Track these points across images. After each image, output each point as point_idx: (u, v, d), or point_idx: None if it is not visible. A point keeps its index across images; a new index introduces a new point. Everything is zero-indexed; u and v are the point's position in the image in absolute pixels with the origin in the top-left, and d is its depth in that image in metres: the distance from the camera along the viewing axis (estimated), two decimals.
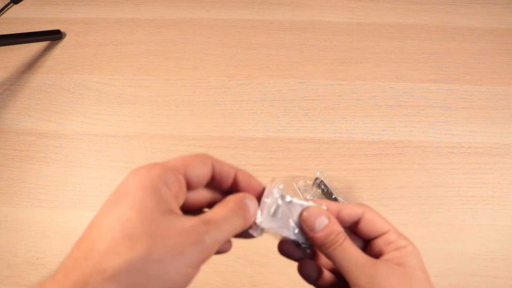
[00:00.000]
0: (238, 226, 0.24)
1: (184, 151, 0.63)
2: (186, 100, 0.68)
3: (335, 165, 0.62)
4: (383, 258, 0.26)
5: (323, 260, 0.30)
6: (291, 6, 0.78)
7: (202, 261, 0.21)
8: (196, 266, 0.21)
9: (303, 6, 0.78)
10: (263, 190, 0.27)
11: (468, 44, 0.73)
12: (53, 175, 0.62)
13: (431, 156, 0.62)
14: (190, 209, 0.26)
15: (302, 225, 0.27)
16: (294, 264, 0.30)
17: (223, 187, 0.27)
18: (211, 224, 0.22)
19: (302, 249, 0.29)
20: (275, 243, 0.30)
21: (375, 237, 0.28)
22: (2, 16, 0.78)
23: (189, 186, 0.25)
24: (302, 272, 0.29)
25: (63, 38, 0.75)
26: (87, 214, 0.59)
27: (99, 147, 0.64)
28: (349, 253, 0.25)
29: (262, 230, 0.27)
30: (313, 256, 0.30)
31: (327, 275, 0.29)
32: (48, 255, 0.56)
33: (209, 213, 0.23)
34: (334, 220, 0.27)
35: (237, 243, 0.29)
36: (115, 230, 0.20)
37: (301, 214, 0.27)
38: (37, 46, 0.74)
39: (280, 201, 0.27)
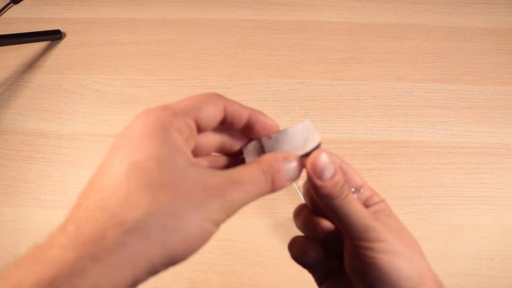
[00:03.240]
0: (265, 191, 0.22)
1: None
2: None
3: None
4: (371, 210, 0.27)
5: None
6: (291, 6, 0.78)
7: (223, 220, 0.20)
8: (217, 224, 0.20)
9: (303, 6, 0.78)
10: (278, 130, 0.25)
11: (468, 44, 0.73)
12: (53, 175, 0.62)
13: (431, 156, 0.62)
14: (197, 154, 0.24)
15: (308, 168, 0.23)
16: (294, 264, 0.30)
17: (234, 128, 0.25)
18: (237, 184, 0.20)
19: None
20: (275, 243, 0.30)
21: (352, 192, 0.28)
22: (2, 16, 0.78)
23: (199, 130, 0.23)
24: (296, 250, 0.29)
25: (63, 38, 0.75)
26: None
27: (99, 147, 0.64)
28: (354, 205, 0.24)
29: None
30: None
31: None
32: None
33: (237, 171, 0.21)
34: (339, 170, 0.24)
35: (237, 243, 0.29)
36: (133, 178, 0.18)
37: (308, 157, 0.24)
38: (37, 46, 0.74)
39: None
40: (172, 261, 0.19)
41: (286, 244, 0.31)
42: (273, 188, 0.22)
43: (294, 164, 0.23)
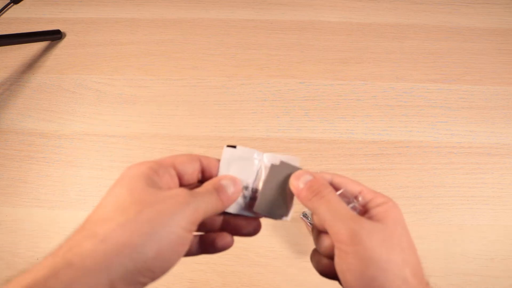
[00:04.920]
0: (215, 203, 0.25)
1: (184, 151, 0.63)
2: (186, 100, 0.68)
3: (335, 165, 0.62)
4: (366, 216, 0.26)
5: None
6: (291, 6, 0.78)
7: (191, 223, 0.22)
8: (186, 228, 0.22)
9: (303, 6, 0.78)
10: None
11: (468, 44, 0.73)
12: (53, 175, 0.62)
13: (431, 156, 0.62)
14: None
15: (290, 185, 0.28)
16: (294, 264, 0.30)
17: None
18: (194, 194, 0.24)
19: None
20: (275, 243, 0.30)
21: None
22: (2, 16, 0.78)
23: (182, 180, 0.26)
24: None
25: (63, 38, 0.75)
26: (87, 214, 0.58)
27: (99, 147, 0.64)
28: (333, 205, 0.25)
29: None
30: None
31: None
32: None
33: (198, 188, 0.25)
34: (319, 177, 0.27)
35: (237, 243, 0.29)
36: (109, 205, 0.22)
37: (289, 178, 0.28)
38: (37, 46, 0.74)
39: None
40: (149, 269, 0.21)
41: (286, 244, 0.31)
42: (221, 201, 0.25)
43: (235, 184, 0.26)
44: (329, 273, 0.27)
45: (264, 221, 0.29)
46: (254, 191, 0.28)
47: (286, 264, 0.54)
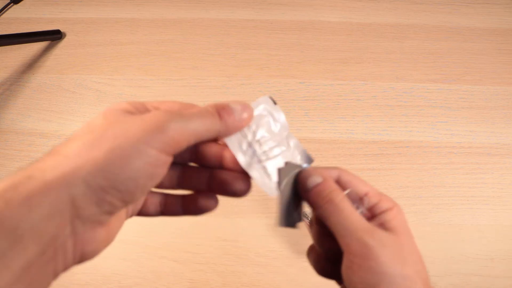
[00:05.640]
0: (211, 124, 0.22)
1: None
2: (186, 100, 0.67)
3: (335, 165, 0.61)
4: (375, 224, 0.24)
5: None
6: (291, 6, 0.78)
7: (168, 144, 0.20)
8: (161, 149, 0.20)
9: (303, 6, 0.78)
10: None
11: (468, 44, 0.73)
12: None
13: (431, 156, 0.62)
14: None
15: (299, 187, 0.26)
16: (294, 264, 0.30)
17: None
18: (175, 113, 0.21)
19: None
20: (275, 243, 0.30)
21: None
22: (2, 16, 0.78)
23: None
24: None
25: (63, 38, 0.75)
26: None
27: None
28: (344, 215, 0.23)
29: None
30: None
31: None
32: None
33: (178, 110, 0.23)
34: (330, 180, 0.25)
35: (237, 242, 0.29)
36: (80, 130, 0.21)
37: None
38: (37, 46, 0.74)
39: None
40: (114, 187, 0.19)
41: (286, 244, 0.31)
42: (225, 122, 0.22)
43: (238, 106, 0.23)
44: (328, 274, 0.26)
45: (264, 220, 0.29)
46: (262, 152, 0.25)
47: (286, 264, 0.54)
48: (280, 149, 0.26)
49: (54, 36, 0.74)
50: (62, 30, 0.76)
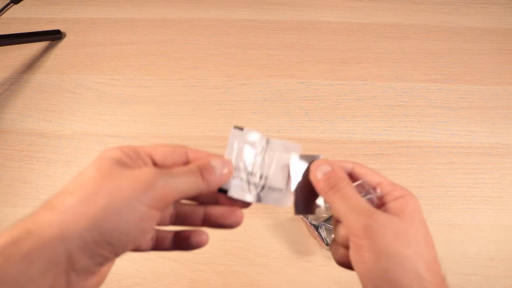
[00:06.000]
0: (195, 183, 0.24)
1: None
2: (186, 100, 0.68)
3: None
4: (382, 209, 0.26)
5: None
6: (291, 6, 0.78)
7: (156, 201, 0.22)
8: (150, 205, 0.22)
9: (303, 6, 0.78)
10: None
11: (468, 44, 0.73)
12: (53, 175, 0.62)
13: (431, 156, 0.62)
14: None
15: (309, 175, 0.27)
16: (294, 264, 0.30)
17: None
18: (164, 172, 0.23)
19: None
20: (275, 243, 0.30)
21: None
22: (2, 16, 0.78)
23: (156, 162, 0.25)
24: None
25: (63, 38, 0.75)
26: None
27: (99, 147, 0.64)
28: (349, 199, 0.25)
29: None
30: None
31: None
32: None
33: (171, 169, 0.24)
34: (338, 169, 0.27)
35: (237, 243, 0.29)
36: (74, 182, 0.22)
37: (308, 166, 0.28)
38: (37, 46, 0.74)
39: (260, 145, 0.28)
40: (107, 241, 0.20)
41: (286, 244, 0.31)
42: (206, 181, 0.24)
43: (218, 163, 0.25)
44: (345, 262, 0.27)
45: (263, 220, 0.29)
46: (260, 177, 0.28)
47: (286, 264, 0.54)
48: (271, 159, 0.28)
49: (54, 36, 0.74)
50: (62, 30, 0.76)
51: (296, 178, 0.28)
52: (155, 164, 0.25)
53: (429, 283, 0.23)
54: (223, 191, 0.27)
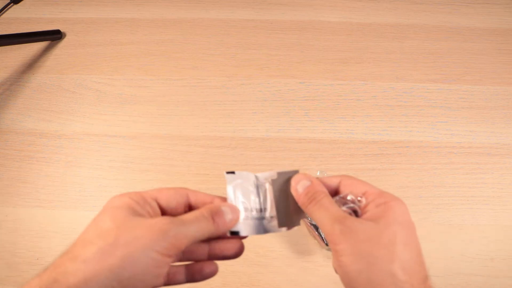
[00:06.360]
0: (206, 228, 0.26)
1: (184, 151, 0.63)
2: (186, 100, 0.68)
3: (335, 165, 0.61)
4: (364, 216, 0.27)
5: None
6: (291, 6, 0.78)
7: (169, 249, 0.24)
8: (163, 253, 0.24)
9: (303, 6, 0.78)
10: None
11: (468, 44, 0.73)
12: (53, 175, 0.62)
13: (431, 156, 0.62)
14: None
15: (291, 190, 0.30)
16: (294, 264, 0.31)
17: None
18: (176, 220, 0.25)
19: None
20: (275, 243, 0.31)
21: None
22: (2, 16, 0.78)
23: (165, 213, 0.28)
24: None
25: (63, 38, 0.75)
26: (87, 214, 0.59)
27: (99, 147, 0.64)
28: (325, 209, 0.27)
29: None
30: None
31: None
32: (48, 255, 0.56)
33: (183, 215, 0.26)
34: (316, 183, 0.29)
35: None
36: (91, 231, 0.25)
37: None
38: (37, 46, 0.74)
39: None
40: (123, 286, 0.23)
41: (286, 244, 0.32)
42: (217, 225, 0.27)
43: (227, 208, 0.28)
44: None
45: None
46: (260, 210, 0.30)
47: (286, 264, 0.54)
48: (264, 192, 0.31)
49: (54, 36, 0.74)
50: (62, 30, 0.76)
51: (276, 196, 0.30)
52: (160, 206, 0.28)
53: (404, 283, 0.23)
54: (235, 233, 0.28)
